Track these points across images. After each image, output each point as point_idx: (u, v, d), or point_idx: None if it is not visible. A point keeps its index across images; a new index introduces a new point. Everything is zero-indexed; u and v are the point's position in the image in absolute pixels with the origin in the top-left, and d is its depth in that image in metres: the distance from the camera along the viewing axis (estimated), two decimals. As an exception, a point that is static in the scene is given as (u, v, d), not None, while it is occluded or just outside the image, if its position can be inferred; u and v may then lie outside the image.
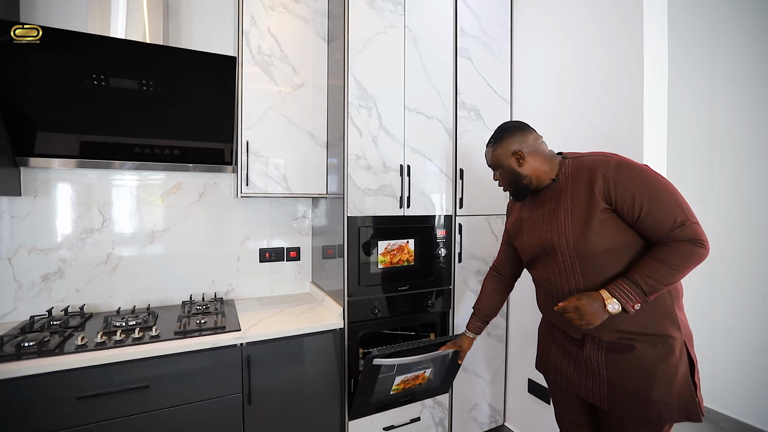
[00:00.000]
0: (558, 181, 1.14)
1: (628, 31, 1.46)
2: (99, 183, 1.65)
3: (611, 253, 1.03)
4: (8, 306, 1.52)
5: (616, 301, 0.99)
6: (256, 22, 1.63)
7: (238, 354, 1.43)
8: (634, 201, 0.98)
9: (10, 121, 1.36)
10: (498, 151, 1.20)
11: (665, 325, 1.01)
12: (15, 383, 1.13)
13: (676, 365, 1.00)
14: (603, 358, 1.07)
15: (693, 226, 0.96)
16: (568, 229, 1.09)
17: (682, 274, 0.98)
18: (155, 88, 1.47)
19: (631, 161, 1.03)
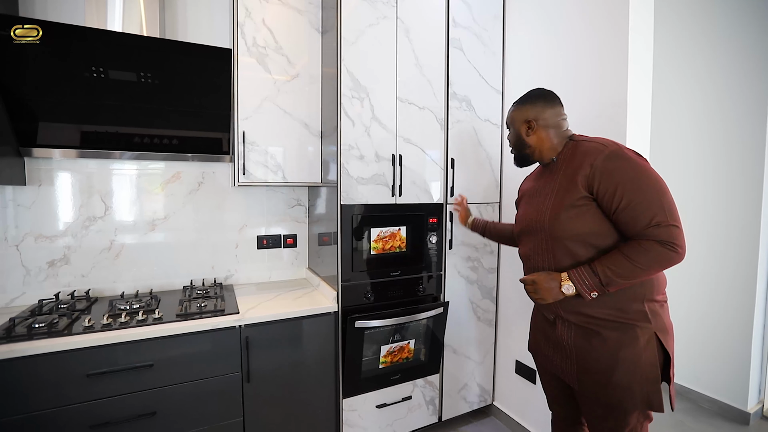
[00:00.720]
0: (557, 160, 1.17)
1: (614, 26, 1.49)
2: (100, 172, 1.70)
3: (581, 239, 1.06)
4: (17, 290, 1.59)
5: (571, 284, 1.04)
6: (251, 13, 1.66)
7: (237, 335, 1.51)
8: (615, 192, 0.99)
9: (14, 112, 1.41)
10: (514, 113, 1.24)
11: (631, 314, 1.03)
12: (28, 361, 1.21)
13: (639, 353, 1.02)
14: (572, 339, 1.12)
15: (670, 228, 0.95)
16: (548, 209, 1.13)
17: (646, 273, 0.99)
18: (153, 80, 1.51)
19: (628, 153, 1.02)
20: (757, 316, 2.10)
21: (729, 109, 2.18)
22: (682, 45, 2.38)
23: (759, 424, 2.15)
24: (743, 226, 2.13)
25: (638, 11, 1.45)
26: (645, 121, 1.51)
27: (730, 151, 2.19)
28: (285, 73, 1.74)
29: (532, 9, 1.87)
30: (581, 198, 1.05)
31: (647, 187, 0.98)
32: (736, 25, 2.14)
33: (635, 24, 1.44)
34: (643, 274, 0.99)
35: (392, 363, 1.80)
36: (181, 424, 1.43)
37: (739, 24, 2.14)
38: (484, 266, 2.07)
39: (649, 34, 1.49)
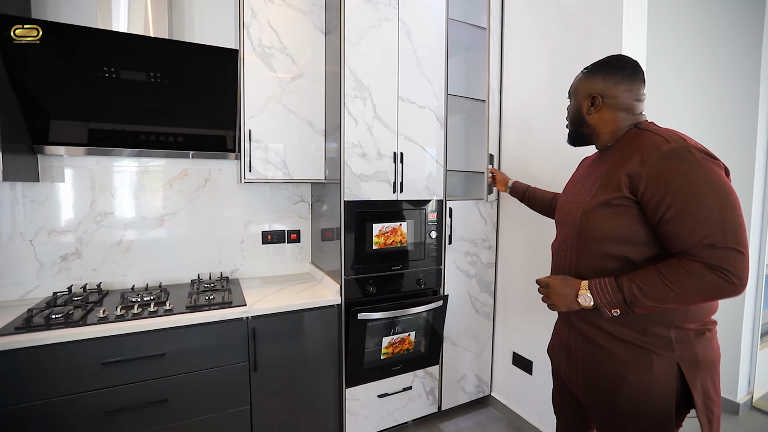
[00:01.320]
0: (612, 148, 1.02)
1: (609, 27, 1.54)
2: (110, 169, 1.76)
3: (612, 243, 0.92)
4: (32, 283, 1.64)
5: (590, 295, 0.92)
6: (257, 15, 1.70)
7: (244, 326, 1.56)
8: (665, 198, 0.83)
9: (28, 111, 1.46)
10: (580, 83, 1.06)
11: (650, 338, 0.91)
12: (46, 350, 1.27)
13: (651, 382, 0.90)
14: (580, 348, 1.03)
15: (728, 251, 0.78)
16: (582, 201, 1.01)
17: (685, 301, 0.83)
18: (162, 80, 1.56)
19: (694, 154, 0.83)
20: (747, 308, 2.17)
21: (724, 110, 2.24)
22: (681, 45, 2.43)
23: (748, 414, 2.22)
24: None
25: (632, 13, 1.50)
26: None
27: (724, 147, 2.25)
28: (289, 73, 1.79)
29: (527, 11, 1.92)
30: (621, 198, 0.90)
31: (708, 197, 0.80)
32: (734, 25, 2.19)
33: (629, 25, 1.49)
34: (679, 301, 0.83)
35: (393, 354, 1.87)
36: (191, 411, 1.49)
37: (735, 24, 2.18)
38: (482, 261, 2.13)
39: (642, 39, 1.54)
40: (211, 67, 1.60)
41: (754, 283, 2.19)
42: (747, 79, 2.13)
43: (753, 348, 2.24)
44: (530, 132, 1.93)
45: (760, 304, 2.22)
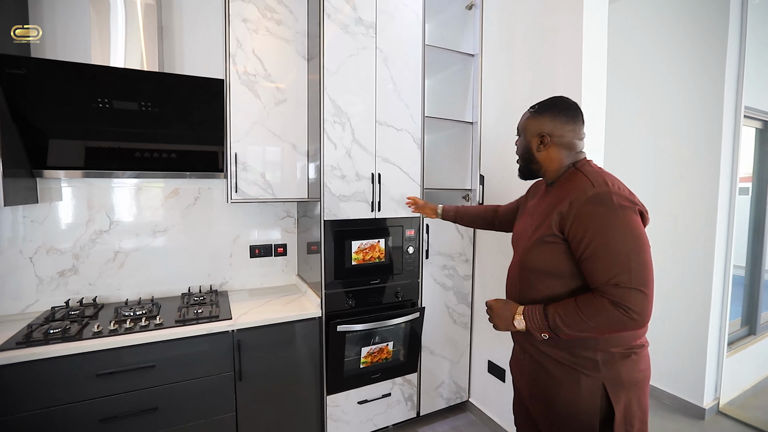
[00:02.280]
0: (554, 184, 1.11)
1: (569, 48, 1.65)
2: (105, 190, 1.87)
3: (545, 275, 1.04)
4: (31, 298, 1.76)
5: (523, 320, 1.04)
6: (242, 45, 1.81)
7: (230, 339, 1.68)
8: (584, 238, 0.94)
9: (27, 139, 1.57)
10: (529, 121, 1.13)
11: (579, 360, 1.01)
12: (45, 363, 1.38)
13: (577, 399, 1.00)
14: (527, 365, 1.14)
15: (630, 291, 0.88)
16: (526, 235, 1.12)
17: (596, 331, 0.93)
18: (153, 109, 1.67)
19: (613, 201, 0.93)
20: (713, 317, 2.27)
21: (692, 112, 2.33)
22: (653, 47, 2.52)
23: (714, 419, 2.33)
24: (700, 224, 2.29)
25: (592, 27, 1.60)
26: (597, 131, 1.65)
27: (688, 156, 2.35)
28: (273, 98, 1.90)
29: (499, 33, 2.02)
30: (552, 235, 1.01)
31: (619, 241, 0.90)
32: (699, 28, 2.28)
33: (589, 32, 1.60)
34: (591, 331, 0.94)
35: (372, 363, 1.98)
36: (180, 418, 1.60)
37: (700, 27, 2.28)
38: (459, 274, 2.24)
39: (602, 49, 1.65)
40: (198, 96, 1.70)
41: (720, 294, 2.30)
42: (712, 81, 2.22)
43: (719, 355, 2.35)
44: (508, 153, 2.03)
45: (726, 313, 2.32)
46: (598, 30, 1.62)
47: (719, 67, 2.19)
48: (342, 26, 1.78)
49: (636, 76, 2.61)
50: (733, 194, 2.26)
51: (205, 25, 1.97)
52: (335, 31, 1.77)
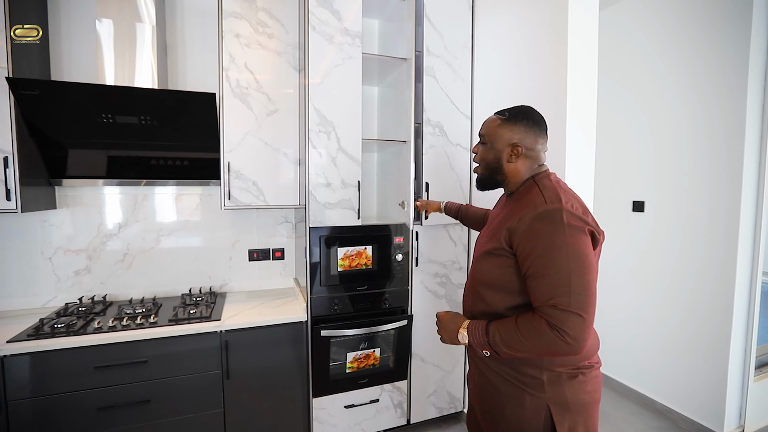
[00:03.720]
0: (513, 196, 1.08)
1: (555, 55, 1.58)
2: (114, 197, 2.03)
3: (492, 289, 1.03)
4: (50, 294, 1.95)
5: (466, 335, 1.01)
6: (234, 59, 1.90)
7: (218, 339, 1.76)
8: (529, 255, 0.91)
9: (44, 152, 1.76)
10: (503, 130, 1.05)
11: (524, 378, 0.99)
12: (51, 354, 1.53)
13: (523, 419, 0.98)
14: (476, 380, 1.14)
15: (567, 314, 0.85)
16: (479, 245, 1.11)
17: (532, 352, 0.91)
18: (151, 122, 1.79)
19: (561, 220, 0.90)
20: (735, 331, 2.07)
21: (711, 117, 2.15)
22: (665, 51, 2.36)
23: (737, 449, 2.12)
24: (721, 244, 2.10)
25: (578, 33, 1.53)
26: (585, 129, 1.59)
27: (710, 157, 2.16)
28: (265, 109, 1.97)
29: (493, 38, 1.97)
30: (501, 249, 0.99)
31: (562, 262, 0.87)
32: (722, 27, 2.10)
33: (575, 47, 1.53)
34: (527, 352, 0.91)
35: (359, 369, 2.00)
36: (171, 411, 1.71)
37: (722, 27, 2.09)
38: (452, 282, 2.20)
39: (592, 51, 1.57)
40: (192, 110, 1.81)
41: (745, 306, 2.09)
42: (734, 84, 2.04)
43: (744, 378, 2.14)
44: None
45: (752, 329, 2.11)
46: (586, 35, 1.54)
47: (741, 65, 1.99)
48: (327, 37, 1.82)
49: (640, 77, 2.44)
50: (761, 193, 2.05)
51: (203, 42, 2.09)
52: (320, 43, 1.81)
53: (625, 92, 2.63)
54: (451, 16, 2.06)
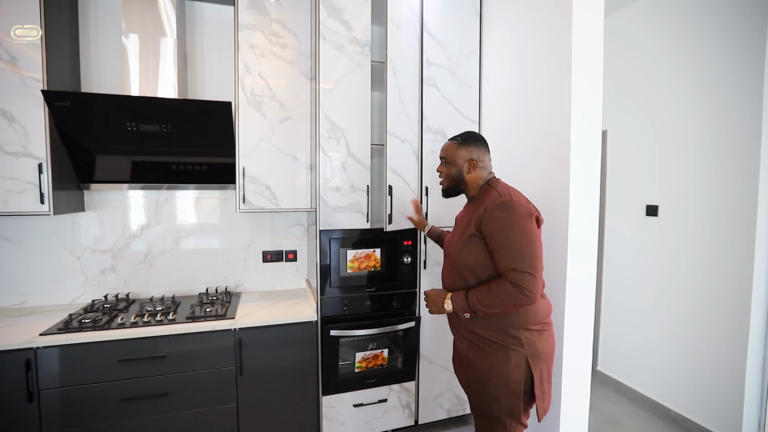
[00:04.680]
0: (475, 198, 1.39)
1: (559, 60, 1.60)
2: (138, 200, 2.15)
3: (473, 269, 1.29)
4: (78, 291, 2.08)
5: (450, 303, 1.31)
6: (249, 69, 1.99)
7: (232, 336, 1.84)
8: (492, 236, 1.22)
9: (75, 158, 1.89)
10: (460, 151, 1.37)
11: (506, 339, 1.26)
12: (77, 347, 1.64)
13: (508, 371, 1.25)
14: (465, 350, 1.37)
15: (523, 274, 1.16)
16: (455, 240, 1.38)
17: (500, 307, 1.21)
18: (172, 130, 1.90)
19: (513, 207, 1.21)
20: (752, 345, 2.02)
21: (728, 112, 2.11)
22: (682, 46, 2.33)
23: (756, 461, 2.06)
24: (738, 249, 2.06)
25: (582, 40, 1.55)
26: (591, 134, 1.60)
27: (728, 152, 2.12)
28: (278, 116, 2.05)
29: (502, 43, 1.99)
30: (473, 235, 1.28)
31: (516, 237, 1.19)
32: (739, 23, 2.07)
33: (578, 49, 1.54)
34: (498, 308, 1.21)
35: (367, 368, 2.04)
36: (188, 405, 1.79)
37: (739, 22, 2.06)
38: (461, 284, 2.22)
39: (597, 55, 1.59)
40: (210, 118, 1.90)
41: (763, 323, 2.03)
42: (751, 85, 2.00)
43: (763, 389, 2.07)
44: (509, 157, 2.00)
45: (772, 341, 2.05)
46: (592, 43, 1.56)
47: (758, 65, 1.96)
48: (336, 46, 1.89)
49: (652, 80, 2.41)
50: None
51: (220, 53, 2.20)
52: (330, 52, 1.88)
53: (637, 95, 2.60)
54: (455, 25, 2.10)
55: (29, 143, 1.74)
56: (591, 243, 1.62)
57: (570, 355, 1.61)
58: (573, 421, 1.63)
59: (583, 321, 1.62)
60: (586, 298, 1.63)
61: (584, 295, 1.62)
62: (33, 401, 1.59)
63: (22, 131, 1.73)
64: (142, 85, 1.91)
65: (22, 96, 1.72)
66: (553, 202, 1.62)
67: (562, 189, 1.59)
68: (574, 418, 1.63)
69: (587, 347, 1.64)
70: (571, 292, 1.59)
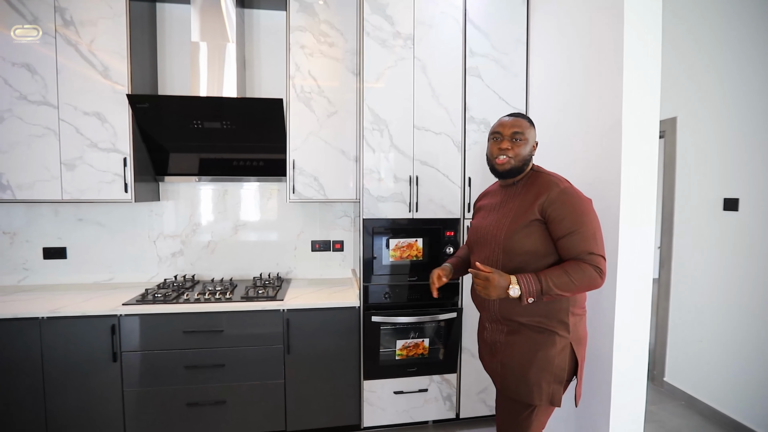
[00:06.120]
0: (518, 184, 1.33)
1: (610, 48, 1.50)
2: (203, 192, 2.39)
3: (529, 255, 1.24)
4: (154, 272, 2.36)
5: (518, 288, 1.15)
6: (300, 68, 2.13)
7: (281, 317, 1.98)
8: (563, 222, 1.19)
9: (152, 153, 2.15)
10: (532, 129, 1.33)
11: (553, 324, 1.23)
12: (151, 317, 1.87)
13: (553, 357, 1.21)
14: (501, 337, 1.31)
15: (599, 258, 1.18)
16: (504, 225, 1.28)
17: (577, 290, 1.17)
18: (231, 126, 2.09)
19: (576, 192, 1.23)
20: None
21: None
22: (758, 18, 2.06)
23: None
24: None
25: (634, 27, 1.44)
26: (647, 129, 1.49)
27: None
28: (326, 111, 2.17)
29: (548, 31, 1.92)
30: (535, 220, 1.23)
31: (589, 222, 1.20)
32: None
33: (630, 39, 1.44)
34: (574, 290, 1.17)
35: (408, 357, 2.07)
36: (240, 377, 1.95)
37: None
38: (505, 278, 2.16)
39: (653, 48, 1.46)
40: (264, 114, 2.07)
41: None
42: None
43: None
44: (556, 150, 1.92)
45: None
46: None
47: None
48: (380, 41, 1.95)
49: (724, 63, 2.14)
50: None
51: (273, 54, 2.37)
52: (374, 47, 1.95)
53: (711, 78, 2.34)
54: (500, 13, 2.06)
55: (117, 140, 2.02)
56: (646, 242, 1.49)
57: (621, 361, 1.49)
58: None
59: (638, 323, 1.51)
60: (641, 300, 1.51)
61: (640, 297, 1.50)
62: (116, 361, 1.85)
63: (112, 130, 2.02)
64: (209, 87, 2.12)
65: (112, 100, 2.00)
66: (606, 195, 1.52)
67: (613, 182, 1.49)
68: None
69: (641, 354, 1.52)
70: (622, 295, 1.48)
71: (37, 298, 1.99)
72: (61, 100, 1.97)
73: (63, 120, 1.98)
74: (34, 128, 1.96)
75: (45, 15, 1.94)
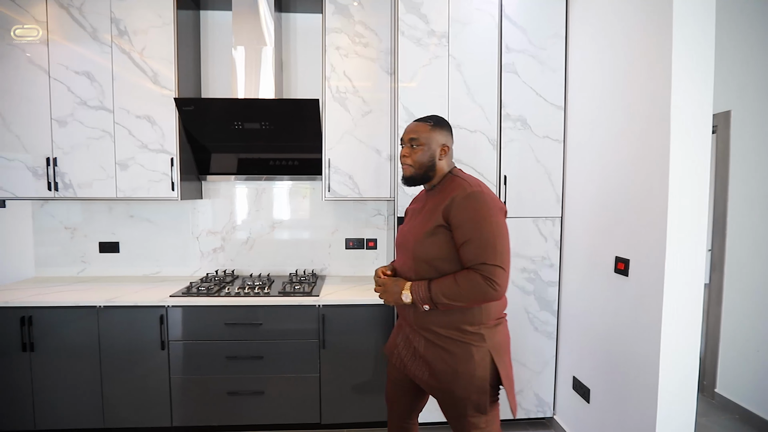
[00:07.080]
0: (435, 188, 1.30)
1: (658, 36, 1.43)
2: (242, 191, 2.49)
3: (437, 261, 1.22)
4: (197, 266, 2.49)
5: (409, 294, 1.21)
6: (335, 68, 2.17)
7: (316, 311, 2.03)
8: (461, 227, 1.16)
9: (196, 154, 2.27)
10: (434, 133, 1.28)
11: (468, 336, 1.20)
12: (195, 309, 1.97)
13: (474, 369, 1.19)
14: (423, 349, 1.28)
15: (494, 268, 1.11)
16: (415, 231, 1.28)
17: (467, 301, 1.14)
18: (269, 127, 2.16)
19: (485, 199, 1.17)
20: None
21: None
22: None
23: None
24: None
25: (686, 22, 1.37)
26: (699, 124, 1.40)
27: None
28: (361, 111, 2.20)
29: (596, 23, 1.85)
30: (440, 226, 1.20)
31: (487, 229, 1.13)
32: None
33: (681, 37, 1.37)
34: (463, 301, 1.15)
35: (440, 355, 2.06)
36: (278, 369, 2.02)
37: None
38: (542, 279, 2.11)
39: (708, 46, 1.38)
40: (300, 114, 2.13)
41: None
42: None
43: None
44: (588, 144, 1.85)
45: None
46: None
47: None
48: (414, 40, 1.96)
49: None
50: None
51: (309, 56, 2.43)
52: (408, 46, 1.96)
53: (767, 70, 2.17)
54: (538, 7, 2.01)
55: (165, 142, 2.15)
56: (697, 244, 1.40)
57: (668, 371, 1.42)
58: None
59: (688, 331, 1.42)
60: (691, 307, 1.42)
61: (689, 303, 1.42)
62: (164, 349, 1.96)
63: (161, 132, 2.15)
64: (247, 89, 2.21)
65: (160, 104, 2.13)
66: (651, 194, 1.45)
67: (660, 180, 1.41)
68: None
69: (691, 363, 1.44)
70: (670, 301, 1.41)
71: (94, 289, 2.15)
72: (115, 105, 2.11)
73: (117, 123, 2.12)
74: (93, 131, 2.12)
75: (102, 26, 2.08)
